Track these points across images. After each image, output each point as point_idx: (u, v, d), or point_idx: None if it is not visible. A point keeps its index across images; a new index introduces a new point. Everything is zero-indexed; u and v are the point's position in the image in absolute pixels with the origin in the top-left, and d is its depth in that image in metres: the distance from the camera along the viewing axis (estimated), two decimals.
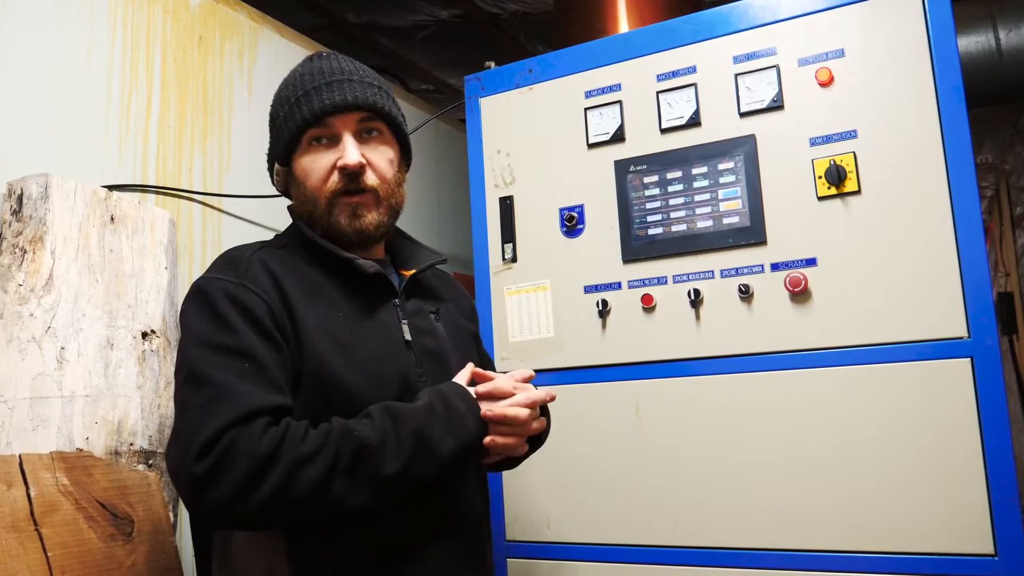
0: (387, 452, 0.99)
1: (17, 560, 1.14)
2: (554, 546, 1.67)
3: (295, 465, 0.94)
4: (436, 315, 1.24)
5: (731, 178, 1.58)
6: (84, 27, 1.57)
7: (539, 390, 1.16)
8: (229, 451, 0.93)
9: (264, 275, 1.09)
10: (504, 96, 1.86)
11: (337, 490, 0.96)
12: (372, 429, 1.00)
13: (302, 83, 1.16)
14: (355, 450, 0.97)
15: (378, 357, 1.11)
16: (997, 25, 2.47)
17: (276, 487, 0.93)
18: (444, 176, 2.89)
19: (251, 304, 1.05)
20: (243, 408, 0.96)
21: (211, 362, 1.00)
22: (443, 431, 1.03)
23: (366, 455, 0.98)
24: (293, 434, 0.97)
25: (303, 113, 1.13)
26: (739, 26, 1.62)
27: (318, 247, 1.16)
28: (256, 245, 1.17)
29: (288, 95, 1.17)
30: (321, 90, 1.13)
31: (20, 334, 1.28)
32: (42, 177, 1.37)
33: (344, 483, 0.96)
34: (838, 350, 1.47)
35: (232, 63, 1.94)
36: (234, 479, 0.92)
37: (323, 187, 1.14)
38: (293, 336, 1.06)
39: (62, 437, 1.30)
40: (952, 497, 1.35)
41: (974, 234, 1.39)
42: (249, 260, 1.11)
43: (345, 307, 1.13)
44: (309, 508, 0.96)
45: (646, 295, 1.63)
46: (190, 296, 1.10)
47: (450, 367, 1.20)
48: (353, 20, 3.23)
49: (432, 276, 1.33)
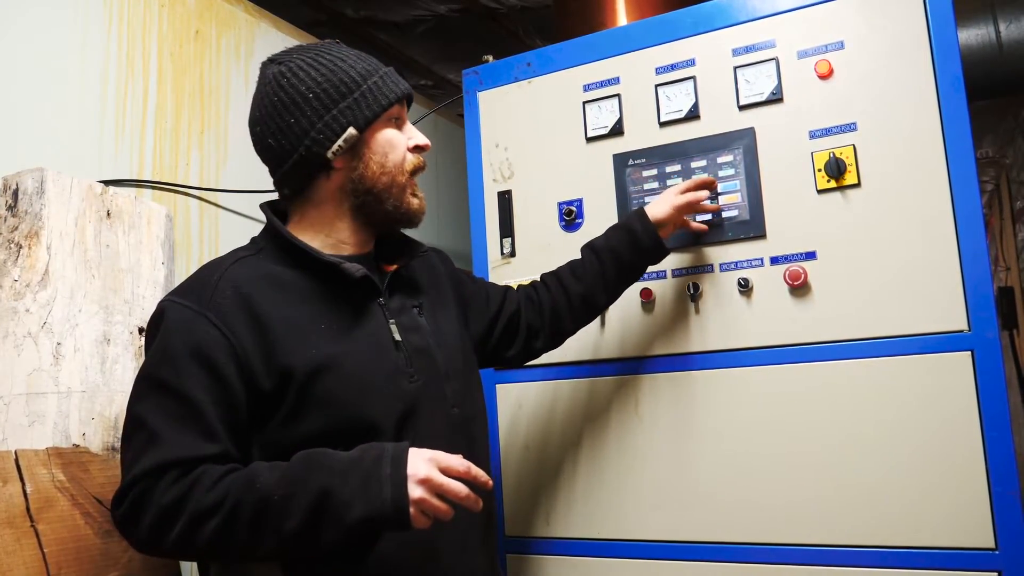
0: (290, 507, 0.95)
1: (13, 556, 1.13)
2: (553, 541, 1.67)
3: (194, 519, 0.95)
4: (419, 309, 1.23)
5: (730, 171, 1.57)
6: (80, 21, 1.56)
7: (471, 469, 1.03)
8: (138, 501, 0.97)
9: (232, 300, 1.06)
10: (502, 90, 1.85)
11: (243, 539, 0.96)
12: (280, 480, 0.97)
13: (367, 63, 1.19)
14: (255, 502, 0.96)
15: (367, 364, 1.10)
16: (997, 18, 2.46)
17: (182, 536, 0.96)
18: (443, 171, 2.88)
19: (204, 339, 1.03)
20: (159, 459, 0.97)
21: (148, 401, 1.02)
22: (352, 495, 0.95)
23: (266, 508, 0.95)
24: (201, 484, 0.97)
25: (397, 89, 1.19)
26: (738, 18, 1.61)
27: (297, 250, 1.13)
28: (230, 259, 1.14)
29: (371, 69, 1.18)
30: (394, 75, 1.21)
31: (16, 330, 1.28)
32: (38, 172, 1.36)
33: (248, 533, 0.96)
34: (838, 344, 1.46)
35: (229, 57, 1.93)
36: (144, 527, 0.97)
37: (403, 164, 1.19)
38: (268, 360, 1.04)
39: (58, 433, 1.30)
40: (952, 491, 1.35)
41: (974, 226, 1.38)
42: (216, 285, 1.08)
43: (329, 316, 1.11)
44: (220, 555, 1.01)
45: (645, 289, 1.62)
46: (152, 317, 1.09)
47: (436, 363, 1.19)
48: (351, 15, 3.22)
49: (412, 264, 1.29)
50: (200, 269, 1.15)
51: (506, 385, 1.76)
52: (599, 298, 1.46)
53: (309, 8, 3.13)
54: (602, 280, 1.44)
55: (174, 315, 1.05)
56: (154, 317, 1.08)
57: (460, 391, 1.23)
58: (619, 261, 1.44)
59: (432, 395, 1.16)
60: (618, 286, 1.48)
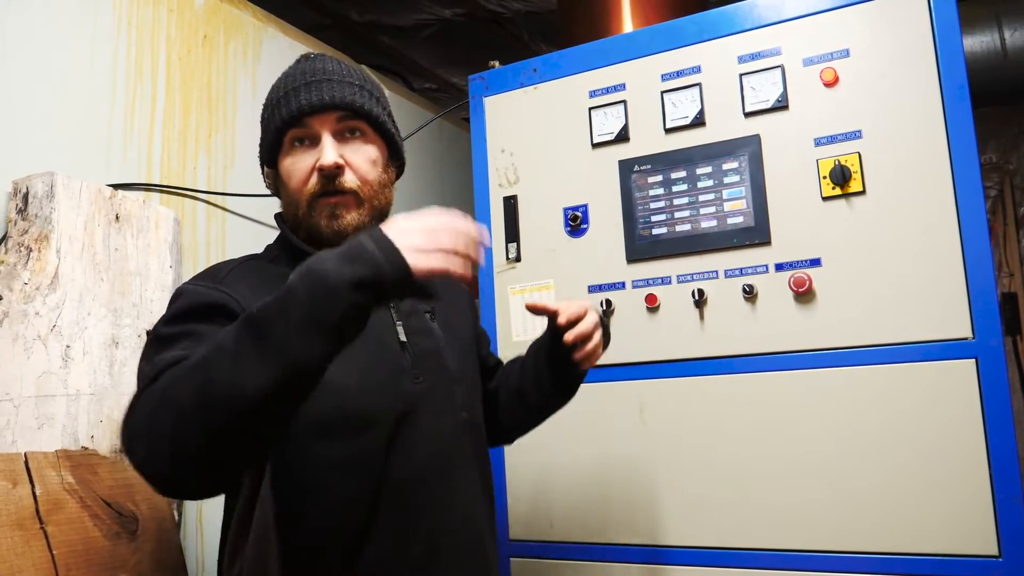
0: (277, 314, 0.81)
1: (23, 558, 1.14)
2: (557, 545, 1.68)
3: (174, 386, 0.83)
4: (432, 314, 1.24)
5: (735, 178, 1.58)
6: (89, 26, 1.57)
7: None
8: (129, 411, 0.87)
9: (243, 285, 1.07)
10: (508, 95, 1.86)
11: (232, 377, 0.79)
12: (258, 307, 0.84)
13: (284, 84, 1.16)
14: (235, 334, 0.82)
15: (369, 359, 1.09)
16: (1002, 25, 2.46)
17: (175, 422, 0.81)
18: (448, 175, 2.89)
19: (216, 300, 1.02)
20: (152, 373, 0.87)
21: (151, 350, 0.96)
22: (339, 262, 0.82)
23: (250, 327, 0.82)
24: (179, 365, 0.85)
25: (282, 114, 1.13)
26: (744, 26, 1.62)
27: (305, 253, 1.13)
28: (242, 258, 1.16)
29: (273, 96, 1.17)
30: (300, 91, 1.13)
31: (26, 332, 1.29)
32: (47, 176, 1.37)
33: (236, 364, 0.80)
34: (842, 350, 1.46)
35: (236, 62, 1.94)
36: (139, 435, 0.84)
37: (303, 188, 1.13)
38: None
39: (67, 435, 1.30)
40: (956, 498, 1.35)
41: (979, 234, 1.38)
42: (230, 271, 1.10)
43: None
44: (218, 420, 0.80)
45: (650, 295, 1.63)
46: (169, 301, 1.09)
47: (448, 366, 1.19)
48: (356, 19, 3.23)
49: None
50: (211, 266, 1.17)
51: None
52: (530, 395, 1.33)
53: (314, 12, 3.15)
54: (530, 375, 1.33)
55: (187, 289, 1.07)
56: (171, 300, 1.09)
57: (470, 396, 1.24)
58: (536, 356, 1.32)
59: (438, 397, 1.17)
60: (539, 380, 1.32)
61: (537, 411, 1.37)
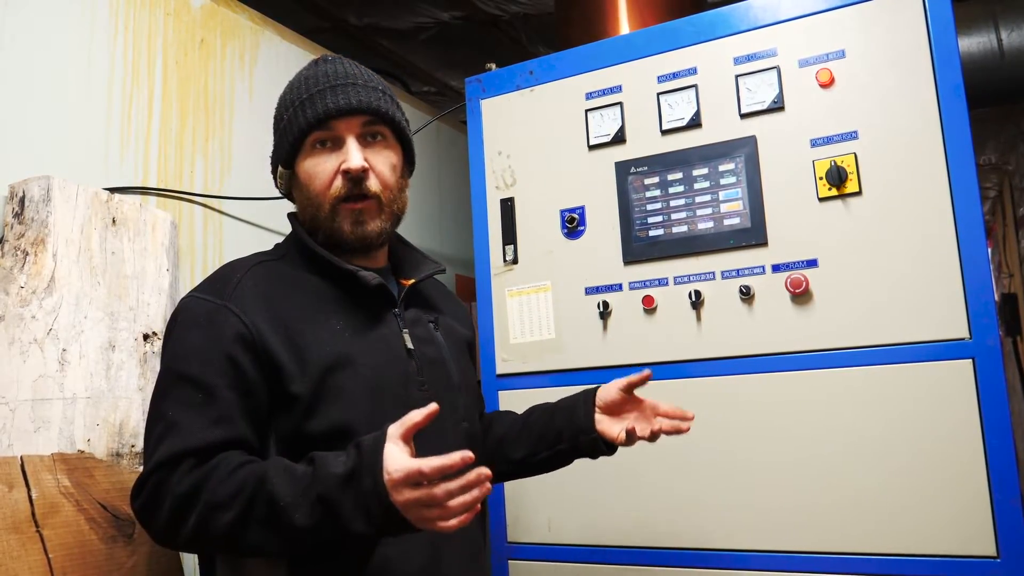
0: (300, 511, 0.93)
1: (18, 562, 1.14)
2: (555, 547, 1.67)
3: (209, 510, 0.95)
4: (435, 324, 1.25)
5: (732, 179, 1.58)
6: (86, 29, 1.57)
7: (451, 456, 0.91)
8: (156, 491, 0.98)
9: (252, 295, 1.08)
10: (505, 98, 1.86)
11: (253, 537, 0.95)
12: (288, 484, 0.94)
13: (307, 86, 1.16)
14: (268, 502, 0.94)
15: (379, 367, 1.10)
16: (999, 25, 2.46)
17: (197, 527, 0.95)
18: (445, 178, 2.89)
19: (224, 329, 1.04)
20: (175, 448, 0.98)
21: (166, 393, 1.03)
22: (352, 510, 0.92)
23: (278, 510, 0.94)
24: (217, 474, 0.96)
25: (307, 116, 1.13)
26: (740, 27, 1.62)
27: (319, 257, 1.15)
28: (253, 260, 1.17)
29: (293, 98, 1.17)
30: (325, 93, 1.13)
31: (22, 336, 1.29)
32: (44, 179, 1.37)
33: (259, 531, 0.95)
34: (839, 351, 1.46)
35: (233, 65, 1.94)
36: (161, 517, 0.97)
37: (327, 192, 1.13)
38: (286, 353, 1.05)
39: (63, 439, 1.30)
40: (954, 499, 1.35)
41: (975, 235, 1.38)
42: (238, 281, 1.10)
43: (345, 318, 1.12)
44: (233, 548, 0.97)
45: (647, 296, 1.63)
46: (173, 314, 1.11)
47: (450, 375, 1.20)
48: (354, 22, 3.23)
49: (430, 286, 1.33)
50: (222, 267, 1.17)
51: (508, 392, 1.76)
52: (513, 448, 1.32)
53: (312, 15, 3.15)
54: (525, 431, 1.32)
55: (195, 308, 1.07)
56: (174, 313, 1.10)
57: (470, 407, 1.25)
58: (551, 418, 1.30)
59: (442, 407, 1.17)
60: (538, 447, 1.30)
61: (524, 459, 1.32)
